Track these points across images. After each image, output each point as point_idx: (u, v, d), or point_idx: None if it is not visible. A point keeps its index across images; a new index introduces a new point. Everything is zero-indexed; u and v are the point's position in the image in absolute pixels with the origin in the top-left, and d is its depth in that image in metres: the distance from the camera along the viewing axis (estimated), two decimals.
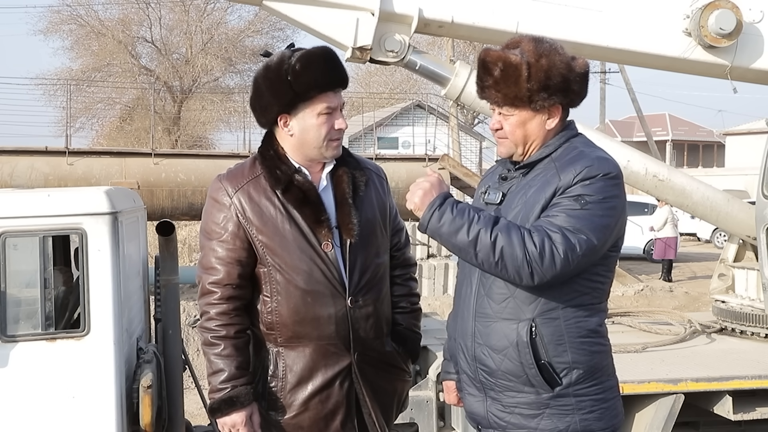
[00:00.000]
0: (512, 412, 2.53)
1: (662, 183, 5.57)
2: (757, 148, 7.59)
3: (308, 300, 2.73)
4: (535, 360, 2.46)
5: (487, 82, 2.55)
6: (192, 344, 10.97)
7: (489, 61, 2.53)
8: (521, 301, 2.48)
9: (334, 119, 2.77)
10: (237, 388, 2.73)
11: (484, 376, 2.55)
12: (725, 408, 4.45)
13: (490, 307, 2.52)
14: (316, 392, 2.76)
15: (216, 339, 2.74)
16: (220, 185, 2.79)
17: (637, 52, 5.37)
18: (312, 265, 2.73)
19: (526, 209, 2.49)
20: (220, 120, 34.05)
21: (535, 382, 2.48)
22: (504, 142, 2.60)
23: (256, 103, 2.81)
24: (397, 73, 38.41)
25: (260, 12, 29.46)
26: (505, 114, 2.56)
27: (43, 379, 3.95)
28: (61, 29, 33.48)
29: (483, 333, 2.53)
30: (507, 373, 2.50)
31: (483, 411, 2.60)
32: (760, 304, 5.39)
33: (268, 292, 2.75)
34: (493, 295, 2.52)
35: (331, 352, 2.77)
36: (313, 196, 2.76)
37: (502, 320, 2.49)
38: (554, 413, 2.49)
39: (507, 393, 2.52)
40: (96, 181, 14.70)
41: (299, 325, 2.74)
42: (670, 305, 12.25)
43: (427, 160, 16.61)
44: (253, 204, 2.73)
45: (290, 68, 2.69)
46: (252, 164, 2.82)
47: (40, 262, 4.13)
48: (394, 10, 5.09)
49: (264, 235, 2.72)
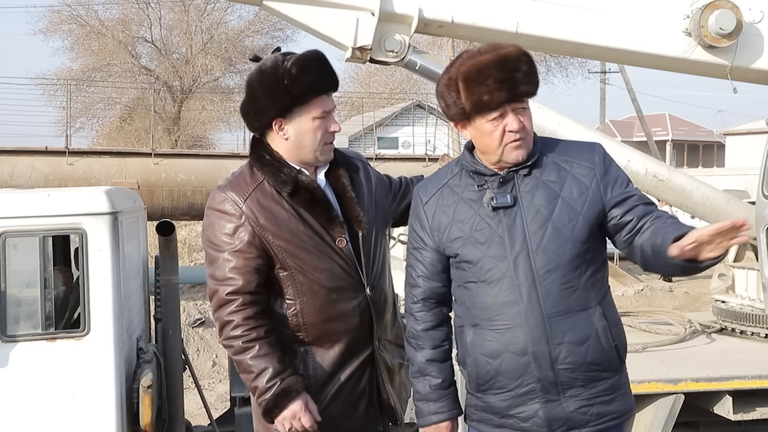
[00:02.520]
0: (594, 403, 2.56)
1: (662, 183, 5.57)
2: (757, 148, 7.58)
3: (333, 297, 2.77)
4: (612, 342, 2.57)
5: (518, 76, 2.49)
6: (192, 344, 10.99)
7: (512, 58, 2.50)
8: (585, 291, 2.53)
9: (329, 122, 2.79)
10: (286, 379, 2.70)
11: (567, 375, 2.53)
12: (725, 408, 4.45)
13: (560, 303, 2.51)
14: (345, 383, 2.83)
15: (249, 342, 2.70)
16: (226, 196, 2.75)
17: (637, 52, 5.37)
18: (332, 262, 2.77)
19: (568, 203, 2.53)
20: (220, 120, 34.11)
21: (613, 365, 2.57)
22: (522, 143, 2.54)
23: (250, 108, 2.79)
24: (397, 73, 38.37)
25: (260, 12, 29.47)
26: (523, 108, 2.53)
27: (43, 379, 3.96)
28: (61, 29, 33.54)
29: (559, 332, 2.51)
30: (592, 364, 2.53)
31: (564, 413, 2.56)
32: (760, 304, 5.38)
33: (292, 294, 2.76)
34: (559, 292, 2.51)
35: (358, 343, 2.83)
36: (319, 195, 2.78)
37: (575, 313, 2.52)
38: (623, 393, 2.61)
39: (590, 384, 2.55)
40: (96, 181, 14.71)
41: (328, 323, 2.78)
42: (670, 305, 12.25)
43: (427, 160, 16.61)
44: (265, 210, 2.73)
45: (286, 72, 2.69)
46: (251, 171, 2.81)
47: (40, 262, 4.13)
48: (394, 10, 5.09)
49: (281, 240, 2.72)
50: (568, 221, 2.52)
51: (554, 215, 2.52)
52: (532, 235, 2.51)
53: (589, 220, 2.53)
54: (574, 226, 2.51)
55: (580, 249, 2.51)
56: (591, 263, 2.55)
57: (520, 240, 2.52)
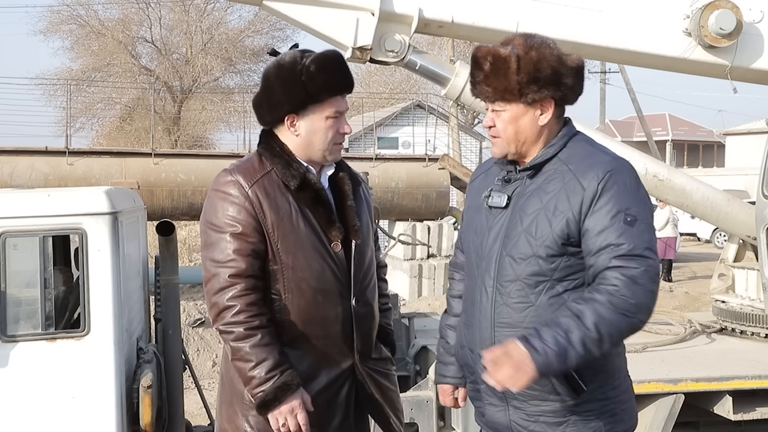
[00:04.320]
0: (537, 421, 2.49)
1: (662, 183, 5.57)
2: (757, 148, 7.58)
3: (318, 299, 2.73)
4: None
5: (478, 77, 2.52)
6: (192, 344, 10.98)
7: (479, 56, 2.51)
8: (543, 309, 2.42)
9: (341, 123, 2.78)
10: (285, 373, 2.65)
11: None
12: (725, 408, 4.45)
13: (510, 316, 2.46)
14: (319, 393, 2.75)
15: (251, 329, 2.63)
16: (232, 178, 2.71)
17: (637, 52, 5.37)
18: (324, 264, 2.73)
19: (546, 216, 2.42)
20: (220, 120, 34.09)
21: (561, 390, 2.44)
22: (497, 141, 2.55)
23: (264, 101, 2.78)
24: (397, 73, 38.40)
25: (260, 12, 29.46)
26: (497, 110, 2.52)
27: (43, 379, 3.96)
28: (60, 29, 33.54)
29: (504, 342, 2.42)
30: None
31: (506, 420, 2.55)
32: (760, 304, 5.39)
33: (277, 290, 2.72)
34: (512, 304, 2.46)
35: (335, 352, 2.77)
36: (324, 196, 2.77)
37: (524, 329, 2.41)
38: (579, 419, 2.46)
39: (531, 402, 2.48)
40: (96, 181, 14.69)
41: (308, 324, 2.73)
42: (670, 305, 12.23)
43: (427, 160, 16.59)
44: (270, 199, 2.70)
45: (305, 69, 2.68)
46: (259, 159, 2.78)
47: (40, 262, 4.13)
48: (394, 10, 5.09)
49: (279, 231, 2.69)
50: (538, 235, 2.42)
51: (529, 227, 2.45)
52: (506, 241, 2.48)
53: (560, 240, 2.40)
54: (543, 242, 2.41)
55: (542, 267, 2.41)
56: (560, 283, 2.42)
57: (494, 243, 2.51)
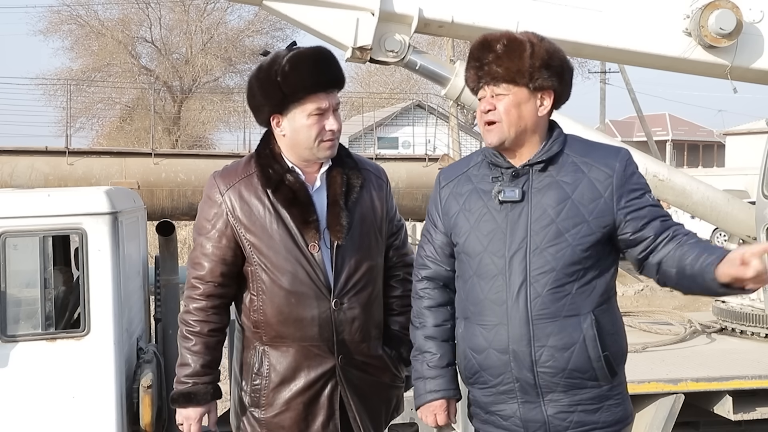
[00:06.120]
0: (575, 410, 2.51)
1: (662, 183, 5.57)
2: (757, 148, 7.58)
3: (292, 301, 2.73)
4: (601, 352, 2.48)
5: (487, 59, 2.49)
6: None
7: (491, 39, 2.50)
8: (578, 296, 2.47)
9: (325, 120, 2.74)
10: (197, 385, 2.79)
11: (547, 379, 2.49)
12: (725, 408, 4.45)
13: (548, 307, 2.47)
14: (298, 393, 2.77)
15: (190, 334, 2.79)
16: (214, 182, 2.81)
17: (637, 52, 5.37)
18: (297, 265, 2.72)
19: (576, 206, 2.47)
20: (219, 120, 34.08)
21: (600, 375, 2.50)
22: (495, 127, 2.51)
23: (249, 104, 2.84)
24: (397, 73, 38.40)
25: (260, 12, 29.47)
26: (500, 94, 2.50)
27: (43, 379, 3.96)
28: (60, 29, 33.54)
29: (543, 334, 2.47)
30: (575, 371, 2.47)
31: (542, 416, 2.53)
32: (760, 304, 5.39)
33: (255, 290, 2.77)
34: (549, 295, 2.47)
35: (314, 353, 2.76)
36: (302, 196, 2.74)
37: (563, 318, 2.46)
38: (612, 404, 2.54)
39: (571, 391, 2.50)
40: (96, 181, 14.70)
41: (283, 325, 2.74)
42: (670, 305, 12.23)
43: (427, 160, 16.60)
44: (243, 203, 2.74)
45: (280, 69, 2.69)
46: (247, 162, 2.82)
47: (40, 262, 4.13)
48: (394, 10, 5.09)
49: (252, 234, 2.73)
50: (572, 226, 2.46)
51: (560, 217, 2.47)
52: (534, 235, 2.48)
53: (596, 228, 2.47)
54: (578, 232, 2.46)
55: (579, 256, 2.46)
56: (590, 270, 2.49)
57: (521, 238, 2.49)
